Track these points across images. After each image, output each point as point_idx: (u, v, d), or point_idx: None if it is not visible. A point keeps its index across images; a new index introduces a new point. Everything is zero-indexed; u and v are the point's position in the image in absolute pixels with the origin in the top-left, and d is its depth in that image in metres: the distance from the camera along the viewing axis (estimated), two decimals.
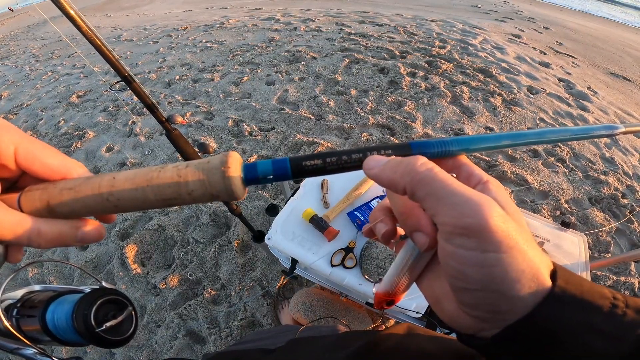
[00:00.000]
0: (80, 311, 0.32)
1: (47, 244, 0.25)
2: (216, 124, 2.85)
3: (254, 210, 2.14)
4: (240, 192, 0.24)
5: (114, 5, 8.70)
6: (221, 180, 0.23)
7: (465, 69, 3.47)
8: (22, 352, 0.33)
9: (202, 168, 0.23)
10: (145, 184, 0.24)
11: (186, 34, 5.00)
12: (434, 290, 0.27)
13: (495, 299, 0.21)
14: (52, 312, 0.33)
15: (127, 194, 0.24)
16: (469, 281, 0.21)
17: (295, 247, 1.03)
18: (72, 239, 0.26)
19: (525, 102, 3.03)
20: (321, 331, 0.84)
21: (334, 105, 2.93)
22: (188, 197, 0.24)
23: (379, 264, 0.96)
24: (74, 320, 0.32)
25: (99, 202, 0.24)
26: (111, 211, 0.25)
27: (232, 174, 0.23)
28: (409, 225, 0.25)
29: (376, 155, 0.25)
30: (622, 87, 3.82)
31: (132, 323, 0.37)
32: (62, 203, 0.24)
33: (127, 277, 1.90)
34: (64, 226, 0.25)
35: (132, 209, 0.25)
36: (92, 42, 0.71)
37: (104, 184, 0.24)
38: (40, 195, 0.25)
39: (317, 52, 3.86)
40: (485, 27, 4.81)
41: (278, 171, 0.24)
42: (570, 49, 4.51)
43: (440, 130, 2.69)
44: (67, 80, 4.17)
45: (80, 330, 0.32)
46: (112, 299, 0.35)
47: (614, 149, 2.72)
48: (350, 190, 1.11)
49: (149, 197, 0.24)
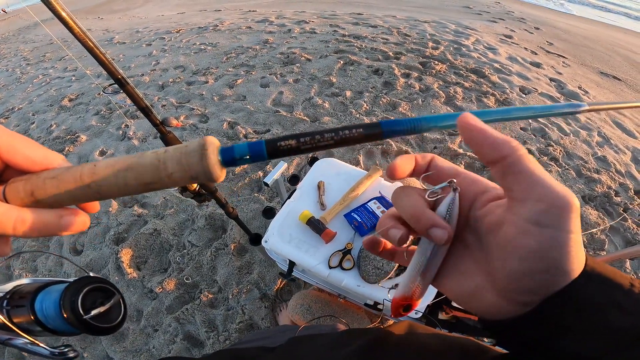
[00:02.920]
0: (67, 298, 0.32)
1: (33, 233, 0.25)
2: (211, 126, 2.84)
3: (250, 213, 2.14)
4: (218, 173, 0.25)
5: (106, 7, 8.63)
6: (199, 162, 0.24)
7: (459, 69, 3.50)
8: (14, 342, 0.33)
9: (180, 151, 0.24)
10: (125, 170, 0.24)
11: (179, 37, 4.98)
12: (466, 286, 0.28)
13: (553, 278, 0.23)
14: (40, 302, 0.33)
15: (108, 180, 0.25)
16: (540, 260, 0.22)
17: (292, 249, 1.02)
18: (56, 228, 0.26)
19: (517, 102, 3.06)
20: (321, 330, 0.84)
21: (328, 107, 2.94)
22: (168, 180, 0.25)
23: (377, 265, 0.96)
24: (61, 308, 0.32)
25: (81, 189, 0.25)
26: (94, 198, 0.26)
27: (209, 156, 0.24)
28: (424, 224, 0.27)
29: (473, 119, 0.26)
30: (612, 86, 3.87)
31: (121, 311, 0.37)
32: (46, 192, 0.25)
33: (123, 281, 1.88)
34: (48, 215, 0.26)
35: (114, 195, 0.25)
36: (84, 45, 0.70)
37: (86, 172, 0.25)
38: (24, 186, 0.25)
39: (312, 53, 3.87)
40: (477, 28, 4.86)
41: (254, 152, 0.25)
42: (560, 48, 4.57)
43: (435, 131, 2.70)
44: (59, 83, 4.12)
45: (68, 317, 0.32)
46: (99, 287, 0.35)
47: (606, 148, 2.76)
48: (347, 192, 1.11)
49: (130, 182, 0.25)
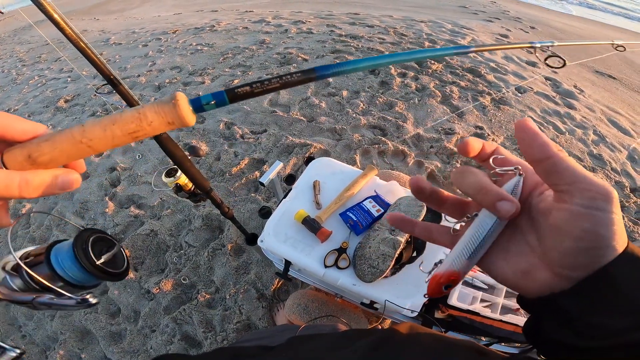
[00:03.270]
0: (79, 247, 0.35)
1: (36, 193, 0.28)
2: (207, 126, 2.83)
3: (247, 213, 2.14)
4: (190, 117, 0.29)
5: (102, 8, 8.60)
6: (173, 109, 0.28)
7: (455, 69, 3.51)
8: (39, 300, 0.35)
9: (156, 104, 0.28)
10: (112, 124, 0.28)
11: (176, 37, 4.97)
12: (520, 265, 0.31)
13: (602, 252, 0.26)
14: (55, 256, 0.35)
15: (97, 134, 0.28)
16: (593, 238, 0.26)
17: (288, 248, 1.03)
18: (54, 187, 0.29)
19: (513, 100, 3.08)
20: (321, 330, 0.84)
21: (325, 107, 2.94)
22: (148, 127, 0.28)
23: (372, 263, 0.97)
24: (76, 257, 0.35)
25: (73, 145, 0.28)
26: (86, 152, 0.28)
27: (181, 103, 0.28)
28: (492, 196, 0.29)
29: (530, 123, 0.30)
30: (607, 85, 3.90)
31: (124, 259, 0.40)
32: (42, 153, 0.27)
33: (120, 282, 1.88)
34: (46, 175, 0.28)
35: (104, 147, 0.28)
36: (76, 46, 0.70)
37: (76, 130, 0.27)
38: (20, 151, 0.27)
39: (308, 53, 3.87)
40: (473, 27, 4.87)
41: (217, 99, 0.31)
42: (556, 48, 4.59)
43: (430, 129, 2.71)
44: (55, 84, 4.11)
45: (84, 264, 0.35)
46: (101, 237, 0.38)
47: (602, 146, 2.78)
48: (342, 191, 1.12)
49: (117, 133, 0.28)
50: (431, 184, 0.35)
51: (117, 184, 2.46)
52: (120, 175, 2.51)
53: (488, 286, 1.12)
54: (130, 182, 2.45)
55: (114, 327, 1.76)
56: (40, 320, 1.82)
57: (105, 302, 1.84)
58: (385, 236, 0.98)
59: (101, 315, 1.79)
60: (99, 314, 1.79)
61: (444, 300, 1.11)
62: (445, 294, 0.33)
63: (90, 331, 1.76)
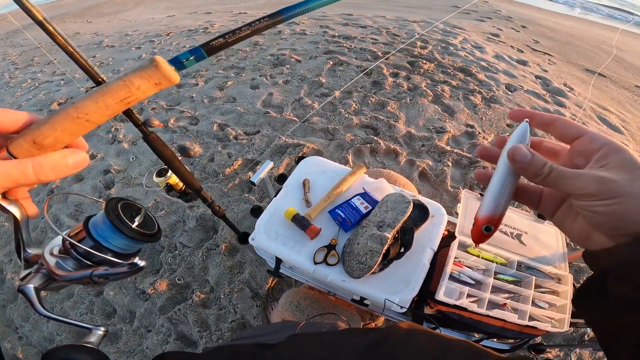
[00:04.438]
0: (113, 215, 0.36)
1: (51, 174, 0.29)
2: (201, 128, 2.85)
3: (241, 213, 2.15)
4: (173, 75, 0.31)
5: (95, 11, 8.57)
6: (156, 71, 0.30)
7: (446, 68, 3.55)
8: (97, 273, 0.37)
9: (138, 70, 0.30)
10: (103, 95, 0.29)
11: (169, 40, 4.97)
12: (583, 229, 0.34)
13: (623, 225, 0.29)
14: (93, 228, 0.37)
15: (91, 107, 0.29)
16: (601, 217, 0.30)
17: (278, 246, 1.05)
18: (66, 167, 0.30)
19: (504, 99, 3.11)
20: (321, 327, 0.85)
21: (318, 107, 2.96)
22: (138, 91, 0.30)
23: (360, 259, 0.99)
24: (114, 224, 0.36)
25: (72, 122, 0.29)
26: (86, 127, 0.30)
27: (162, 64, 0.30)
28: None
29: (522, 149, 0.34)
30: (597, 83, 3.95)
31: (153, 220, 0.42)
32: (45, 135, 0.28)
33: (115, 283, 1.89)
34: (55, 156, 0.30)
35: (101, 119, 0.30)
36: (64, 49, 0.72)
37: (70, 108, 0.29)
38: (24, 139, 0.28)
39: (301, 54, 3.89)
40: (465, 27, 4.92)
41: (196, 54, 0.33)
42: (546, 46, 4.65)
43: (423, 129, 2.74)
44: (48, 87, 4.10)
45: (123, 229, 0.36)
46: (126, 204, 0.39)
47: None
48: (331, 189, 1.14)
49: (109, 103, 0.29)
50: None
51: (111, 186, 2.47)
52: (114, 178, 2.52)
53: (475, 281, 1.14)
54: (125, 184, 2.45)
55: (109, 327, 1.77)
56: (37, 321, 1.82)
57: (101, 303, 1.85)
58: (373, 232, 1.00)
59: (97, 316, 1.80)
60: (95, 314, 1.80)
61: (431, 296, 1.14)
62: (488, 237, 0.37)
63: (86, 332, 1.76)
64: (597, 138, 0.33)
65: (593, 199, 0.30)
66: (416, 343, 0.43)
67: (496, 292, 1.11)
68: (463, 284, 1.13)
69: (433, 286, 1.09)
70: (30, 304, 0.35)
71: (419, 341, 0.44)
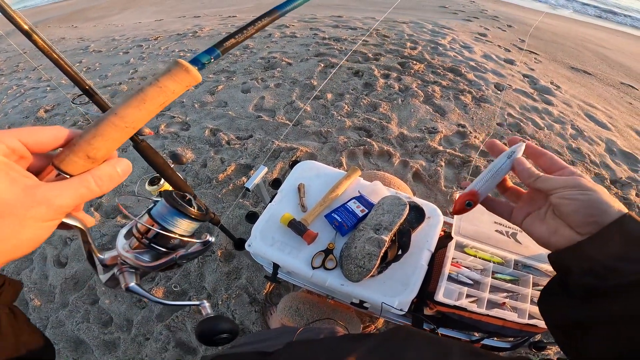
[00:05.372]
0: (176, 203, 0.39)
1: (111, 184, 0.31)
2: (192, 134, 2.82)
3: (236, 219, 2.14)
4: (198, 74, 0.34)
5: (80, 16, 8.44)
6: (187, 74, 0.33)
7: (436, 68, 3.59)
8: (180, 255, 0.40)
9: (169, 75, 0.32)
10: (144, 102, 0.31)
11: (158, 44, 4.92)
12: (550, 226, 0.41)
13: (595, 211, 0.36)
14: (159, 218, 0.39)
15: (135, 115, 0.31)
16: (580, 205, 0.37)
17: (275, 252, 1.04)
18: (118, 176, 0.32)
19: (493, 98, 3.16)
20: (319, 333, 0.84)
21: (310, 110, 2.96)
22: (173, 94, 0.33)
23: (359, 263, 0.99)
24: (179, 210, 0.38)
25: (120, 131, 0.30)
26: (129, 134, 0.32)
27: (191, 69, 0.33)
28: None
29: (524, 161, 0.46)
30: (583, 81, 4.03)
31: (201, 204, 0.44)
32: (97, 148, 0.30)
33: (110, 291, 1.87)
34: (107, 168, 0.31)
35: (141, 124, 0.32)
36: (49, 57, 0.70)
37: (114, 118, 0.30)
38: (75, 155, 0.29)
39: (292, 57, 3.89)
40: (453, 27, 4.98)
41: (213, 54, 0.37)
42: (532, 45, 4.74)
43: (415, 129, 2.76)
44: (34, 94, 4.02)
45: (190, 214, 0.39)
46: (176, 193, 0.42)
47: (580, 140, 2.87)
48: (327, 193, 1.13)
49: (150, 109, 0.31)
50: None
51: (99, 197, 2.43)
52: None
53: (473, 282, 1.15)
54: (116, 191, 2.41)
55: (107, 336, 1.74)
56: None
57: (97, 311, 1.82)
58: (370, 236, 1.00)
59: (93, 324, 1.77)
60: (91, 323, 1.78)
61: (431, 297, 1.14)
62: (466, 211, 0.46)
63: (84, 341, 1.74)
64: (574, 172, 0.41)
65: (573, 190, 0.37)
66: (415, 347, 0.44)
67: (495, 292, 1.12)
68: (461, 284, 1.13)
69: (432, 287, 1.10)
70: (143, 297, 0.40)
71: (419, 345, 0.44)
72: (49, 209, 0.27)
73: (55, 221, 0.29)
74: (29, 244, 0.27)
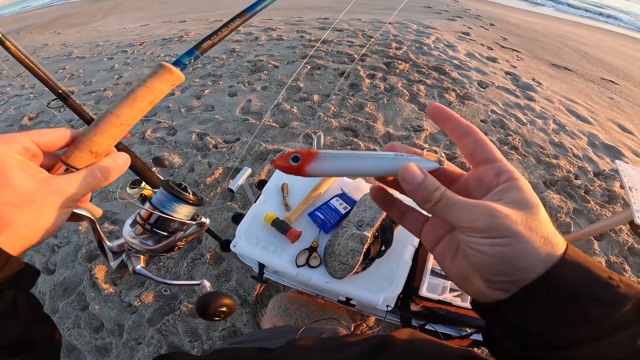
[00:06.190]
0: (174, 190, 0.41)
1: (115, 175, 0.35)
2: (179, 139, 2.81)
3: (224, 222, 2.14)
4: (181, 74, 0.38)
5: (63, 22, 8.32)
6: (171, 75, 0.37)
7: (421, 67, 3.64)
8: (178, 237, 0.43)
9: (156, 75, 0.36)
10: (136, 101, 0.35)
11: (143, 49, 4.88)
12: (461, 269, 0.31)
13: (509, 270, 0.26)
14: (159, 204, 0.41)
15: (129, 114, 0.35)
16: (487, 259, 0.26)
17: (260, 251, 1.05)
18: (119, 167, 0.36)
19: (477, 96, 3.22)
20: (321, 332, 0.85)
21: (297, 112, 2.98)
22: (160, 93, 0.37)
23: (342, 260, 1.00)
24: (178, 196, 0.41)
25: (117, 128, 0.34)
26: (125, 131, 0.35)
27: (174, 70, 0.37)
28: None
29: (413, 168, 0.30)
30: (563, 77, 4.13)
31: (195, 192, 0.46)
32: (99, 144, 0.33)
33: (100, 297, 1.85)
34: (109, 160, 0.35)
35: (135, 121, 0.36)
36: (22, 62, 0.71)
37: (111, 117, 0.34)
38: (81, 151, 0.33)
39: (279, 60, 3.90)
40: (437, 27, 5.05)
41: (193, 55, 0.41)
42: (514, 43, 4.84)
43: (400, 128, 2.80)
44: (17, 101, 3.95)
45: (187, 199, 0.41)
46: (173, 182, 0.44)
47: (562, 134, 2.94)
48: (310, 192, 1.15)
49: (141, 107, 0.35)
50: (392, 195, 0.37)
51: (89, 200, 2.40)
52: (92, 192, 2.45)
53: None
54: (102, 198, 2.39)
55: (98, 341, 1.73)
56: None
57: (87, 317, 1.81)
58: (353, 232, 1.02)
59: (84, 330, 1.76)
60: (82, 329, 1.76)
61: (416, 292, 1.16)
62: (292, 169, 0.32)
63: (76, 347, 1.72)
64: (504, 171, 0.29)
65: (481, 235, 0.26)
66: (415, 350, 0.43)
67: None
68: (445, 278, 1.15)
69: (417, 282, 1.11)
70: (150, 278, 0.43)
71: (419, 348, 0.43)
72: (62, 196, 0.30)
73: (69, 209, 0.33)
74: (47, 229, 0.30)
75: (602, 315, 0.24)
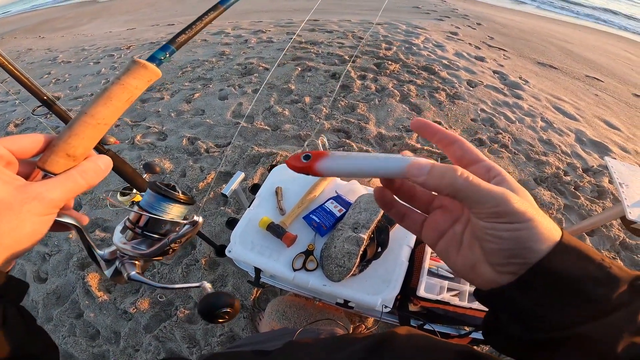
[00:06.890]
0: (164, 190, 0.40)
1: (96, 177, 0.33)
2: (170, 144, 2.77)
3: (218, 227, 2.12)
4: (157, 70, 0.37)
5: (47, 26, 8.16)
6: (145, 70, 0.35)
7: (411, 68, 3.67)
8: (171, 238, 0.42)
9: (128, 71, 0.35)
10: (110, 99, 0.33)
11: (130, 53, 4.82)
12: (467, 259, 0.32)
13: (523, 252, 0.27)
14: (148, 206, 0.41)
15: (105, 112, 0.33)
16: (504, 244, 0.28)
17: (255, 256, 1.04)
18: (101, 170, 0.34)
19: (466, 95, 3.25)
20: (319, 334, 0.84)
21: (289, 114, 2.97)
22: (137, 90, 0.35)
23: (339, 262, 1.00)
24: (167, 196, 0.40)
25: (94, 128, 0.33)
26: (103, 131, 0.34)
27: (148, 65, 0.36)
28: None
29: (420, 159, 0.31)
30: (549, 75, 4.20)
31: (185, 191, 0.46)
32: (75, 147, 0.32)
33: (94, 304, 1.83)
34: (89, 163, 0.33)
35: (113, 120, 0.34)
36: (4, 68, 0.69)
37: (86, 117, 0.32)
38: (57, 154, 0.31)
39: (269, 62, 3.89)
40: (426, 27, 5.10)
41: (168, 50, 0.40)
42: (501, 42, 4.91)
43: (392, 128, 2.81)
44: (2, 108, 3.85)
45: (178, 198, 0.41)
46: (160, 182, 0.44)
47: (550, 131, 2.99)
48: (304, 195, 1.15)
49: (117, 104, 0.34)
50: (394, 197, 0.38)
51: (78, 208, 2.36)
52: (81, 200, 2.41)
53: (453, 275, 1.17)
54: (93, 205, 2.35)
55: (95, 349, 1.71)
56: None
57: (83, 324, 1.78)
58: (349, 235, 1.02)
59: (80, 338, 1.73)
60: (78, 337, 1.73)
61: (414, 293, 1.16)
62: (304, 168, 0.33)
63: (73, 355, 1.70)
64: (492, 167, 0.32)
65: (501, 221, 0.27)
66: (414, 348, 0.43)
67: None
68: (442, 278, 1.15)
69: (414, 283, 1.12)
70: (145, 283, 0.41)
71: (417, 346, 0.43)
72: (42, 202, 0.29)
73: (50, 215, 0.31)
74: (29, 237, 0.29)
75: (601, 294, 0.26)
